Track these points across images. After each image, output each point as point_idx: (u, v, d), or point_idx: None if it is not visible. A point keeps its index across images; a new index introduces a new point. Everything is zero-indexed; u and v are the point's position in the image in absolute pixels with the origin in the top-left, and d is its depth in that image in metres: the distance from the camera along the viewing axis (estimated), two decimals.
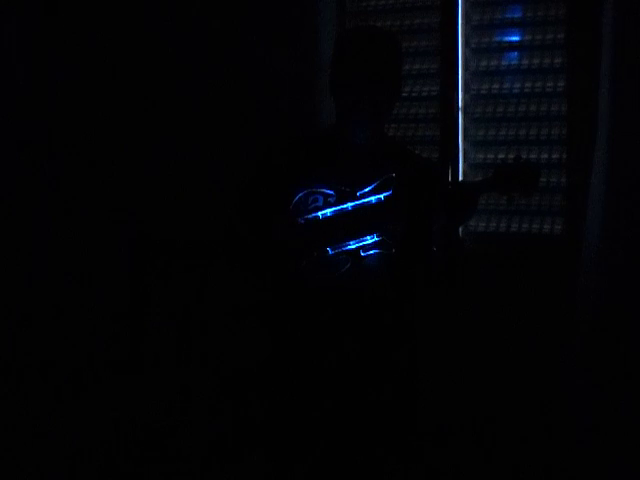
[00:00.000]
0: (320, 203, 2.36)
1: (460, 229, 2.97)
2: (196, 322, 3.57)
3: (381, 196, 2.35)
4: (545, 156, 3.32)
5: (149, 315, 3.70)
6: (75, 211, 3.82)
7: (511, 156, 3.27)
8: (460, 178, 3.37)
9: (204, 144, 3.69)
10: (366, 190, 2.36)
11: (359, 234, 2.34)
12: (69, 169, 3.83)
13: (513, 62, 3.38)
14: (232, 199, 2.52)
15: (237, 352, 3.22)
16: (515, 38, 3.38)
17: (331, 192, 2.36)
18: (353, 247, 2.34)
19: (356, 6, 3.66)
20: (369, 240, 2.34)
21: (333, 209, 2.35)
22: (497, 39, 3.40)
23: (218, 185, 3.46)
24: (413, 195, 2.36)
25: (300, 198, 2.36)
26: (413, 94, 3.52)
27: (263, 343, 2.46)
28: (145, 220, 3.76)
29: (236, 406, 3.27)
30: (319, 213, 2.35)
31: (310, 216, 2.36)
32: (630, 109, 3.05)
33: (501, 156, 3.35)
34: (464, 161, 3.41)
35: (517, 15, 3.37)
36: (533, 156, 3.33)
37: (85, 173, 3.83)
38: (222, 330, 3.40)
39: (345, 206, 2.35)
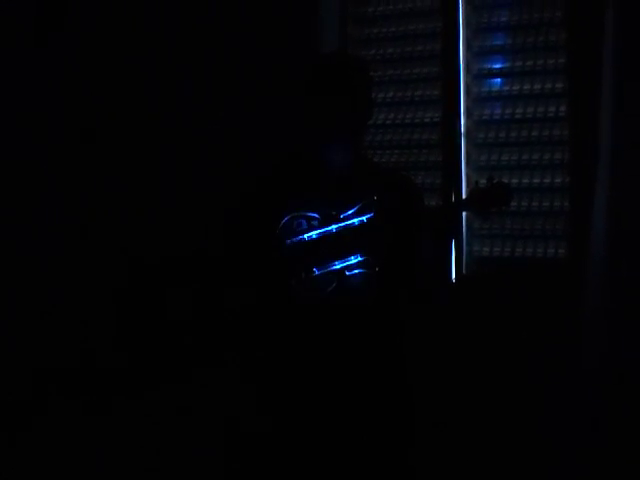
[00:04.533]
0: (305, 226, 2.43)
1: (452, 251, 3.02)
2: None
3: (363, 218, 2.42)
4: (547, 180, 3.34)
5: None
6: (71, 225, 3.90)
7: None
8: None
9: (202, 157, 3.76)
10: (349, 213, 2.43)
11: (343, 255, 2.41)
12: (64, 182, 3.91)
13: (514, 88, 3.40)
14: (220, 225, 2.61)
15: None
16: (517, 64, 3.40)
17: (315, 215, 2.43)
18: (338, 267, 2.41)
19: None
20: (353, 260, 2.41)
21: (318, 231, 2.43)
22: (498, 65, 3.44)
23: (217, 197, 3.52)
24: (395, 216, 2.42)
25: (286, 222, 2.44)
26: (416, 120, 3.58)
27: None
28: (140, 238, 3.82)
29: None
30: (305, 235, 2.43)
31: (296, 238, 2.42)
32: (632, 132, 3.07)
33: (504, 181, 3.35)
34: (467, 186, 3.42)
35: (518, 41, 3.40)
36: (536, 180, 3.35)
37: (81, 186, 3.91)
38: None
39: (329, 228, 2.43)
